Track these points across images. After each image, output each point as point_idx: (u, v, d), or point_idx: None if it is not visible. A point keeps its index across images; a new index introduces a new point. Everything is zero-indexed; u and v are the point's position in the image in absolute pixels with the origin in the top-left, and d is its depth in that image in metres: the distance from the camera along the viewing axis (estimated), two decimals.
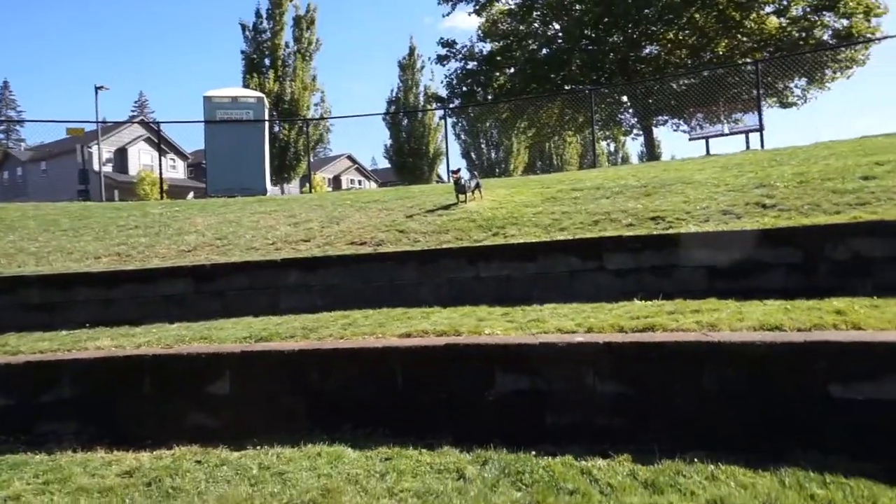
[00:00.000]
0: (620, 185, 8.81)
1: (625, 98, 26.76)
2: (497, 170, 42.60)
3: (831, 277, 4.88)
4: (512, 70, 29.01)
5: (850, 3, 22.01)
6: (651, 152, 27.57)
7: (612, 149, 59.78)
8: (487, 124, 36.35)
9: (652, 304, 4.74)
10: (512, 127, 30.45)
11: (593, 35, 26.46)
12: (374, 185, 52.41)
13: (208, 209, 10.68)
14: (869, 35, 21.94)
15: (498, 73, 29.02)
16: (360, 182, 56.25)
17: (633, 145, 62.48)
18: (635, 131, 29.29)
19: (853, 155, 8.58)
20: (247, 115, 16.08)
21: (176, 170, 42.56)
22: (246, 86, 28.47)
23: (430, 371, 3.89)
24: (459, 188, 8.57)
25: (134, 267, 7.23)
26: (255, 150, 15.93)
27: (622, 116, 28.85)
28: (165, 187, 17.48)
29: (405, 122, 38.70)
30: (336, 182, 52.23)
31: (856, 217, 5.47)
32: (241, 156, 15.46)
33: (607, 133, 32.00)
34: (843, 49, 21.99)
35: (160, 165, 18.12)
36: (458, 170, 8.79)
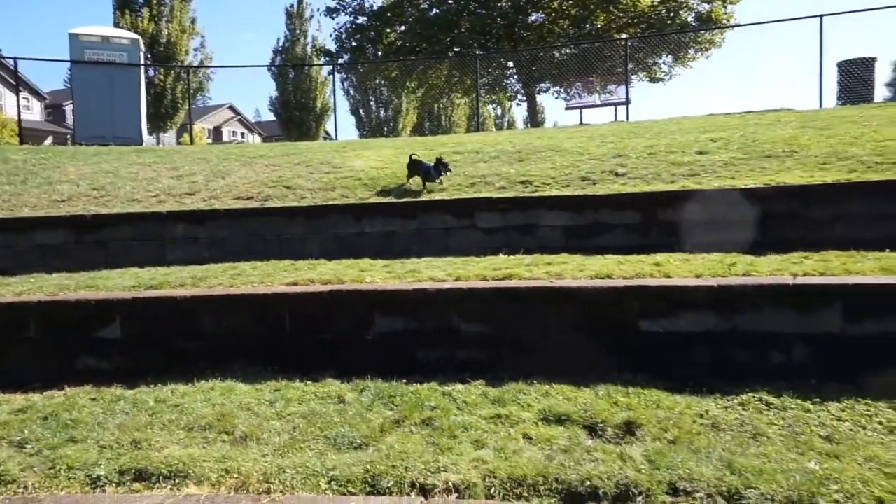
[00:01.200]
0: (498, 150, 9.50)
1: (511, 64, 27.69)
2: (386, 129, 42.55)
3: (661, 236, 5.81)
4: (402, 28, 28.97)
5: None
6: (534, 118, 28.89)
7: (498, 112, 61.29)
8: (377, 82, 36.14)
9: (514, 258, 5.43)
10: (401, 86, 30.57)
11: None
12: (258, 138, 50.45)
13: (80, 158, 10.20)
14: (725, 21, 24.16)
15: (388, 30, 28.88)
16: (242, 135, 53.89)
17: (519, 110, 64.40)
18: (520, 97, 30.45)
19: (696, 131, 9.80)
20: (120, 58, 15.14)
21: (31, 111, 38.65)
22: (117, 24, 26.34)
23: (315, 315, 4.33)
24: (426, 173, 7.47)
25: (2, 215, 6.95)
26: (130, 96, 15.10)
27: (508, 82, 29.85)
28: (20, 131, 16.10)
29: (292, 74, 37.51)
30: (217, 133, 49.73)
31: (684, 186, 6.47)
32: (113, 102, 14.61)
33: (493, 97, 32.97)
34: (706, 31, 24.10)
35: (18, 107, 16.60)
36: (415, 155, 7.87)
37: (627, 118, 16.00)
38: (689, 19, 25.21)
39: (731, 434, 3.05)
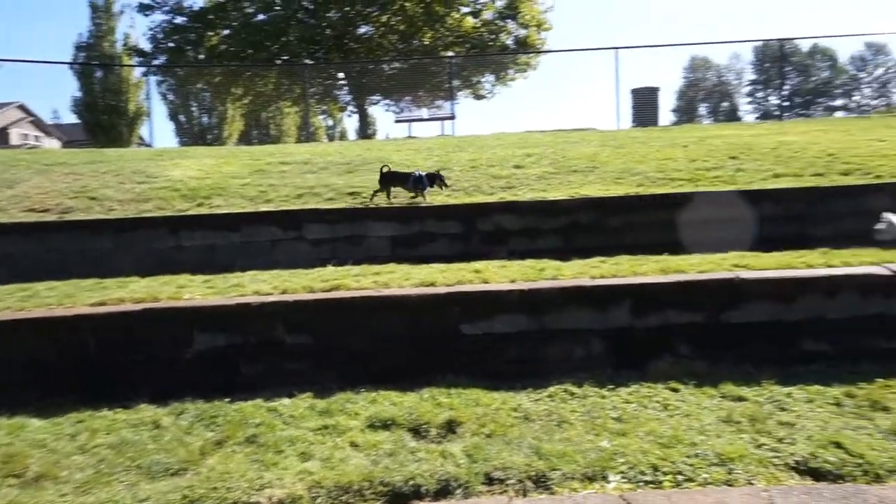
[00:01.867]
0: (327, 162, 9.47)
1: (341, 75, 27.67)
2: (209, 137, 40.16)
3: (481, 245, 6.21)
4: (227, 32, 27.66)
5: (527, 17, 26.11)
6: (364, 130, 29.11)
7: (330, 123, 60.72)
8: (199, 87, 34.03)
9: (342, 270, 5.45)
10: (226, 92, 29.14)
11: (311, 7, 26.69)
12: (56, 143, 44.93)
13: None
14: (539, 46, 26.34)
15: (211, 33, 27.41)
16: (37, 138, 47.65)
17: (352, 122, 64.47)
18: (351, 108, 30.51)
19: (514, 147, 10.57)
20: None
21: None
22: None
23: (126, 336, 4.01)
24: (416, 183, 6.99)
25: None
26: None
27: (339, 93, 29.76)
28: None
29: (99, 73, 33.94)
30: (3, 136, 43.46)
31: (502, 198, 6.97)
32: None
33: (324, 108, 32.68)
34: (521, 54, 26.05)
35: None
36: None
37: (453, 132, 16.78)
38: (509, 42, 27.10)
39: (540, 423, 3.36)
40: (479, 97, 28.27)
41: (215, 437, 3.24)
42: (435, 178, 7.12)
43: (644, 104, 15.86)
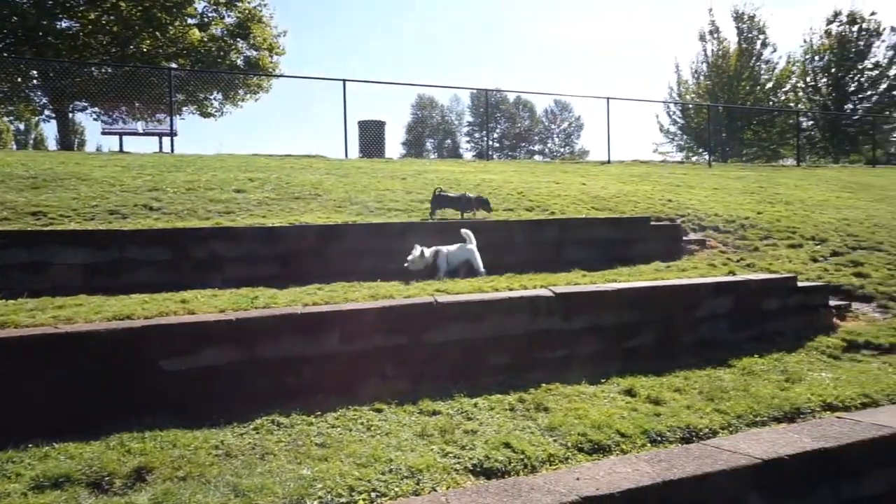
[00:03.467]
0: (4, 174, 8.02)
1: (35, 73, 23.75)
2: None
3: (193, 273, 5.82)
4: None
5: (259, 38, 25.58)
6: (65, 139, 25.27)
7: (21, 127, 51.52)
8: None
9: (14, 303, 4.63)
10: None
11: None
12: None
13: None
14: (271, 69, 25.95)
15: None
16: None
17: (50, 128, 55.42)
18: (47, 112, 26.28)
19: (237, 169, 10.20)
20: None
21: None
22: None
23: None
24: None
25: None
26: None
27: (33, 94, 25.45)
28: None
29: None
30: None
31: (218, 223, 6.66)
32: None
33: (10, 108, 27.59)
34: (251, 76, 25.34)
35: None
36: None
37: (172, 150, 15.52)
38: (239, 62, 26.17)
39: (242, 459, 3.26)
40: (206, 115, 26.67)
41: None
42: (481, 202, 8.05)
43: (371, 136, 16.67)
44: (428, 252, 6.12)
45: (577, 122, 76.96)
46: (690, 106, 36.12)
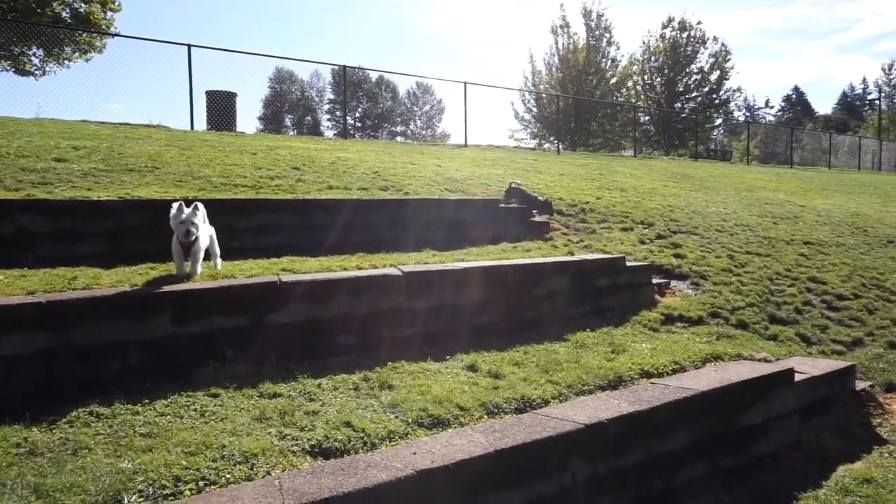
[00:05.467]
0: None
1: None
2: None
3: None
4: None
5: None
6: None
7: None
8: None
9: None
10: None
11: None
12: None
13: None
14: (104, 27, 23.40)
15: None
16: None
17: None
18: None
19: (60, 136, 9.12)
20: None
21: None
22: None
23: None
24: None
25: None
26: None
27: None
28: None
29: None
30: None
31: (30, 195, 5.91)
32: None
33: None
34: (81, 32, 22.66)
35: None
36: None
37: None
38: (64, 14, 23.26)
39: (49, 456, 2.93)
40: (22, 72, 23.41)
41: None
42: None
43: (220, 108, 15.63)
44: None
45: (439, 105, 78.15)
46: (544, 95, 38.05)
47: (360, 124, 74.25)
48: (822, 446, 4.74)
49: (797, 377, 4.84)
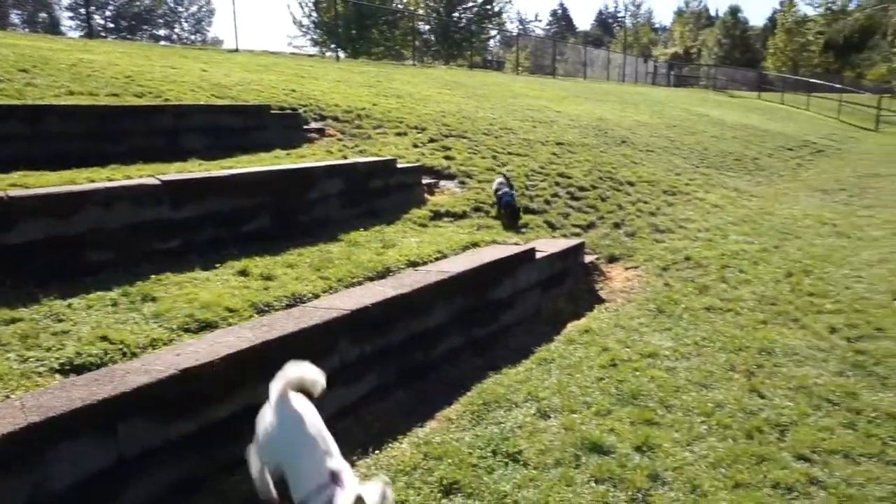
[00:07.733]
0: None
1: None
2: None
3: None
4: None
5: None
6: None
7: None
8: None
9: None
10: None
11: None
12: None
13: None
14: None
15: None
16: None
17: None
18: None
19: None
20: None
21: None
22: None
23: None
24: None
25: None
26: None
27: None
28: None
29: None
30: None
31: None
32: None
33: None
34: None
35: None
36: None
37: None
38: None
39: None
40: None
41: None
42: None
43: None
44: None
45: (208, 6, 70.53)
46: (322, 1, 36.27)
47: (112, 25, 64.35)
48: (557, 310, 5.65)
49: (538, 255, 5.63)
